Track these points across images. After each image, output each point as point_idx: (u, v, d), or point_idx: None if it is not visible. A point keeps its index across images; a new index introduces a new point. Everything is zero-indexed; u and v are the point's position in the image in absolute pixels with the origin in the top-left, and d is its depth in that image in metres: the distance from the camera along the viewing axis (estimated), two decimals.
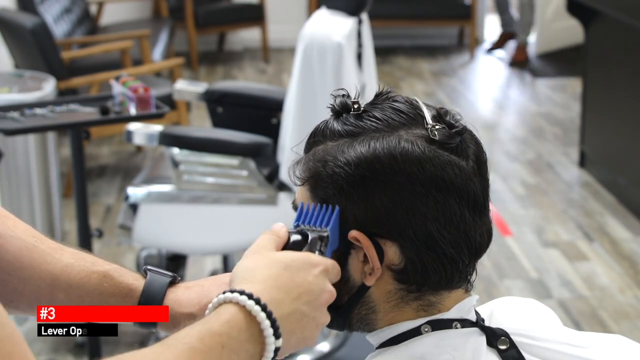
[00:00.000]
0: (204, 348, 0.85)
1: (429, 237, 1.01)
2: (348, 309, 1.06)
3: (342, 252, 1.04)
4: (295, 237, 1.01)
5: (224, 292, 0.90)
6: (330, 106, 1.07)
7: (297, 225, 1.03)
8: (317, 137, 1.07)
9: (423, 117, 1.04)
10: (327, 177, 1.02)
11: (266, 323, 0.89)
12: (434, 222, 1.00)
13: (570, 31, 7.10)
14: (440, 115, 1.04)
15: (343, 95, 1.07)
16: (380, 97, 1.08)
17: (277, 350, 0.90)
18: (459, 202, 1.01)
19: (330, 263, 0.98)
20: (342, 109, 1.06)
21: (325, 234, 1.00)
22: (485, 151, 1.07)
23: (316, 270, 0.95)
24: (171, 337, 0.86)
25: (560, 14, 7.41)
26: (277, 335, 0.89)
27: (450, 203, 1.01)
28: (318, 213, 1.02)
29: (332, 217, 1.01)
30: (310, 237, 1.00)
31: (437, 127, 1.02)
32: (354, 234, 1.02)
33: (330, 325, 1.08)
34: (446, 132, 1.02)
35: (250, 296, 0.89)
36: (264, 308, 0.89)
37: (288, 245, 1.00)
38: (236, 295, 0.89)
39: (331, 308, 1.04)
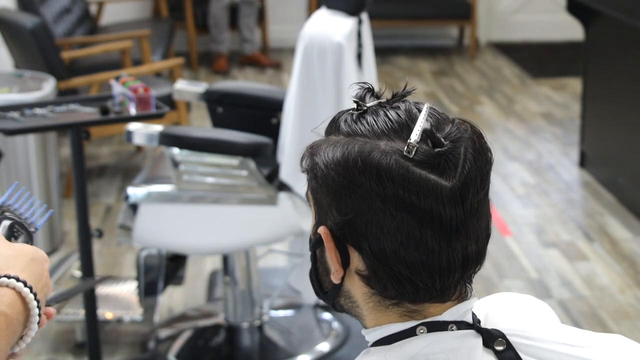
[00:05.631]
0: None
1: (382, 252, 0.99)
2: (332, 297, 1.08)
3: (318, 240, 1.05)
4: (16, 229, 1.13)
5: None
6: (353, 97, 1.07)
7: (5, 204, 1.13)
8: (329, 127, 1.07)
9: (410, 130, 1.00)
10: (312, 171, 1.04)
11: (35, 307, 1.02)
12: (389, 238, 0.98)
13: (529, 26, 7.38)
14: (432, 131, 1.00)
15: (366, 89, 1.07)
16: (392, 99, 1.07)
17: None
18: (420, 224, 0.98)
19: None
20: (355, 104, 1.06)
21: (33, 230, 1.14)
22: (485, 169, 1.02)
23: (47, 265, 1.09)
24: None
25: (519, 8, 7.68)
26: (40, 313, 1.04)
27: (410, 224, 0.98)
28: (34, 207, 1.14)
29: (43, 219, 1.15)
30: (32, 232, 1.14)
31: (417, 144, 0.98)
32: (321, 230, 1.03)
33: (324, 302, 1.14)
34: (427, 151, 0.98)
35: (25, 283, 1.02)
36: (35, 294, 1.02)
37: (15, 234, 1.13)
38: (13, 281, 1.01)
39: (321, 290, 1.10)
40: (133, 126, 2.96)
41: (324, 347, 3.26)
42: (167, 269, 3.21)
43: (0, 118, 2.66)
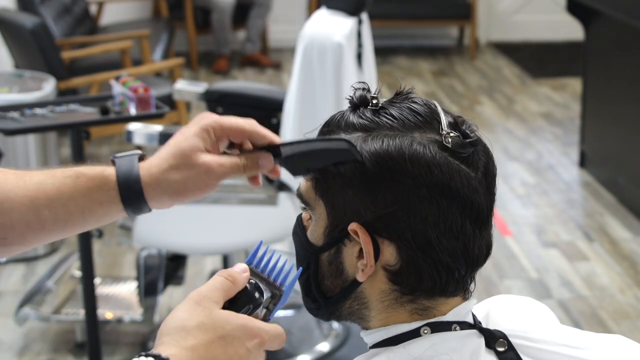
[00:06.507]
0: None
1: (427, 242, 1.00)
2: (338, 301, 1.06)
3: (334, 240, 1.04)
4: (249, 288, 0.96)
5: (146, 355, 0.87)
6: (349, 97, 1.07)
7: (251, 265, 0.98)
8: (332, 127, 1.06)
9: (439, 122, 1.03)
10: (335, 169, 1.02)
11: None
12: (434, 227, 1.00)
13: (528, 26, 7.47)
14: (457, 124, 1.04)
15: (363, 89, 1.07)
16: (399, 96, 1.07)
17: None
18: (462, 212, 1.01)
19: (271, 335, 0.93)
20: (360, 103, 1.06)
21: (278, 292, 0.97)
22: (496, 166, 1.06)
23: (251, 343, 0.91)
24: None
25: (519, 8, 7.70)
26: None
27: (453, 212, 1.00)
28: (280, 266, 0.98)
29: (293, 279, 0.98)
30: (264, 295, 0.96)
31: (451, 134, 1.02)
32: (354, 227, 1.01)
33: (315, 314, 1.09)
34: (460, 141, 1.02)
35: None
36: None
37: (238, 295, 0.95)
38: None
39: (321, 296, 1.06)
40: (133, 126, 2.96)
41: (324, 347, 3.26)
42: (167, 269, 3.21)
43: (0, 118, 2.66)
